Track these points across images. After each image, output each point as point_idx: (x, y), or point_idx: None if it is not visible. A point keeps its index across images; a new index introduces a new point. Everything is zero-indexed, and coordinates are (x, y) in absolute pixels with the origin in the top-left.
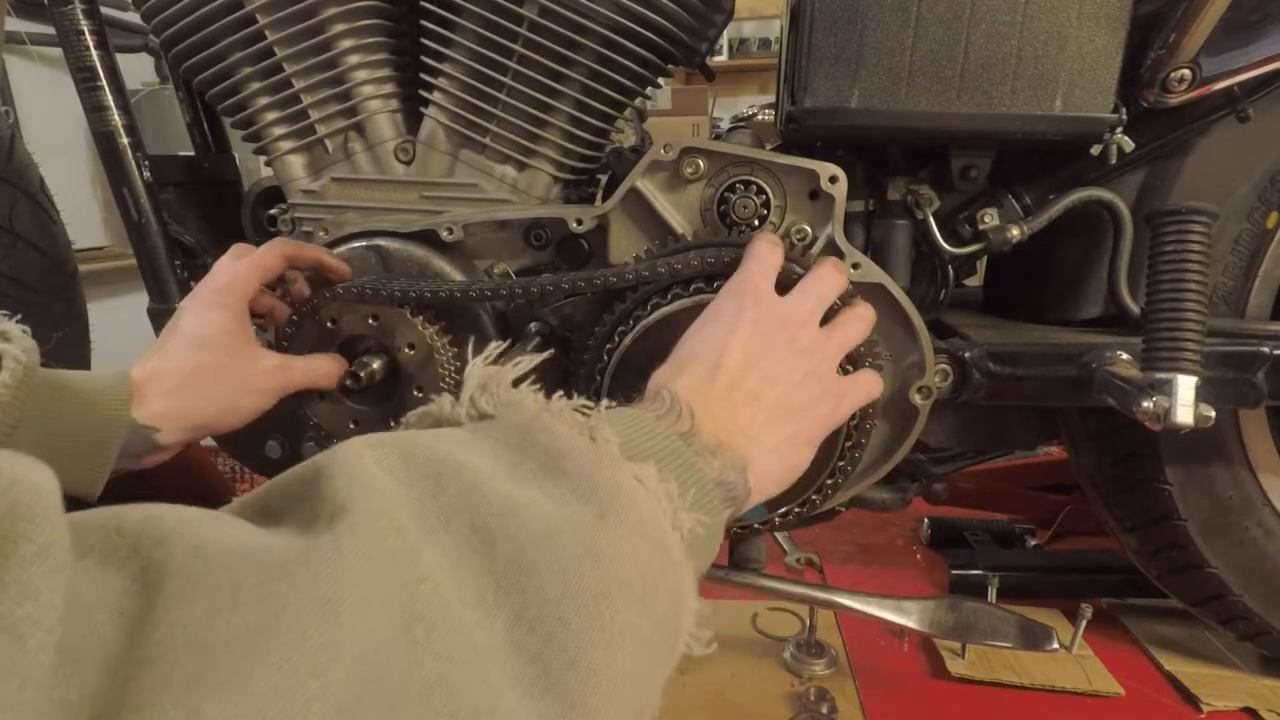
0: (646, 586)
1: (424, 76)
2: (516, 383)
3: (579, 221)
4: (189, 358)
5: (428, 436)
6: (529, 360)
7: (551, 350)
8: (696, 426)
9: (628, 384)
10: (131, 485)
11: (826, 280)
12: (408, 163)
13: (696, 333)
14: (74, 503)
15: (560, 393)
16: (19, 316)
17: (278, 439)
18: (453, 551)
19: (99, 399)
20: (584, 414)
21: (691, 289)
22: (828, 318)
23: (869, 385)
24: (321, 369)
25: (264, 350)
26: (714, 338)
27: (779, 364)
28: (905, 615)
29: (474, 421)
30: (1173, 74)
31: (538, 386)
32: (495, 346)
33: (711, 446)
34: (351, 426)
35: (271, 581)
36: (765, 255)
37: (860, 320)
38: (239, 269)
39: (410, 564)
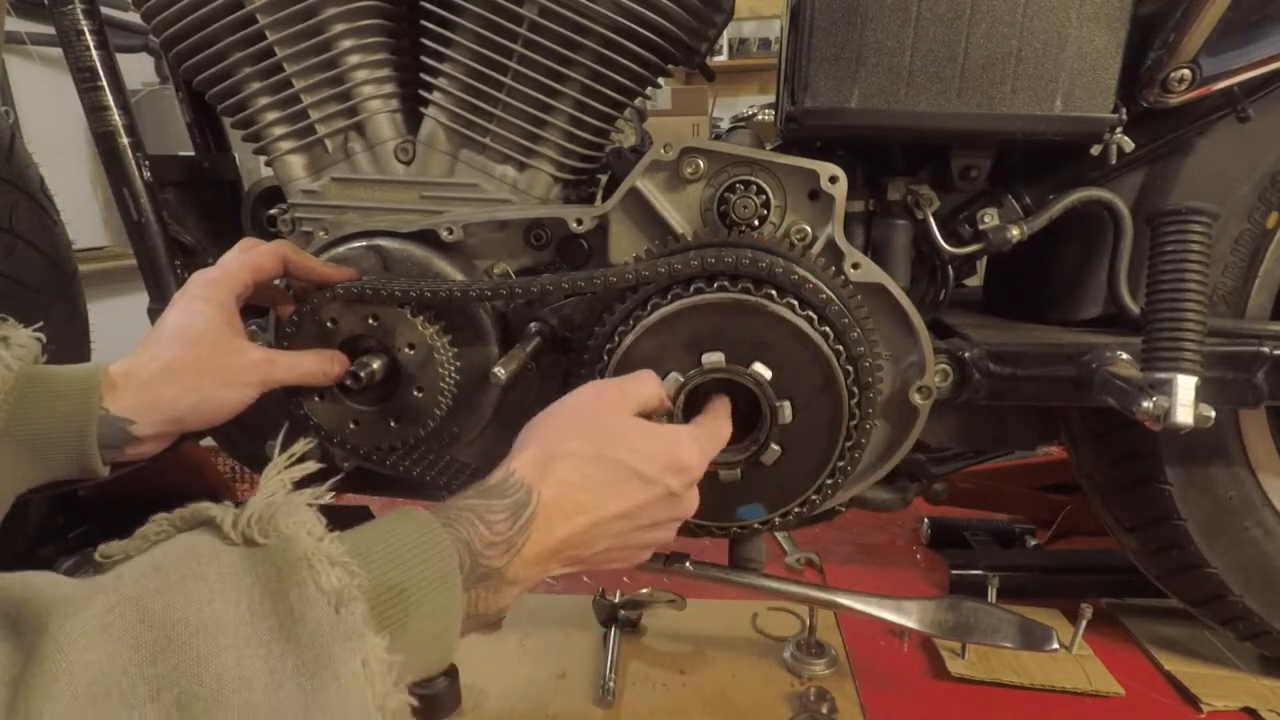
0: None
1: (424, 76)
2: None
3: (579, 221)
4: (166, 351)
5: (181, 584)
6: (314, 492)
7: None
8: (506, 567)
9: None
10: (135, 485)
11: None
12: (408, 163)
13: (619, 472)
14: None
15: (334, 537)
16: (39, 325)
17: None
18: None
19: (67, 391)
20: (350, 572)
21: (692, 289)
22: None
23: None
24: (308, 366)
25: (248, 344)
26: (618, 497)
27: (636, 537)
28: (905, 615)
29: (244, 546)
30: (1173, 74)
31: (332, 494)
32: (302, 445)
33: (503, 583)
34: (351, 426)
35: None
36: (720, 433)
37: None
38: (231, 265)
39: None
